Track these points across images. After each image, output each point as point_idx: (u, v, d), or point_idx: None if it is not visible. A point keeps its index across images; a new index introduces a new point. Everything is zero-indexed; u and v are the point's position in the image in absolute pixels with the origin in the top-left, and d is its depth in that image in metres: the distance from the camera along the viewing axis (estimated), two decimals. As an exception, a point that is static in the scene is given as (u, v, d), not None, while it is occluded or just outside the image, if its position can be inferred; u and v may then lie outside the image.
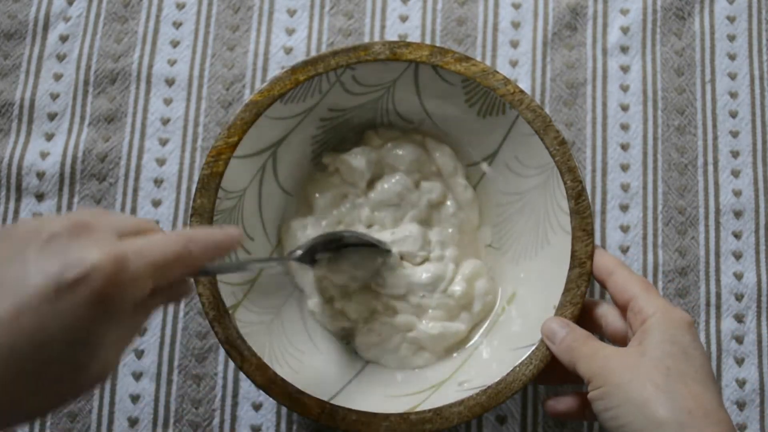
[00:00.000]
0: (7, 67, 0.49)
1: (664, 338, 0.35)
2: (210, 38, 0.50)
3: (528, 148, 0.42)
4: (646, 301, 0.37)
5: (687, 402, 0.32)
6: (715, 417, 0.32)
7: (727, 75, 0.50)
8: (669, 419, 0.31)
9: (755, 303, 0.47)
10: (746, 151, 0.49)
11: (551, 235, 0.42)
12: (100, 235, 0.25)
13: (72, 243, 0.24)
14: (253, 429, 0.44)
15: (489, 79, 0.41)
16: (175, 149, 0.48)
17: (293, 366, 0.40)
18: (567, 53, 0.50)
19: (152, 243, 0.26)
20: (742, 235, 0.48)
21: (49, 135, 0.48)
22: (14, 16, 0.49)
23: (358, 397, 0.40)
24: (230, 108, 0.49)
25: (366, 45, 0.41)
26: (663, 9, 0.51)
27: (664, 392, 0.32)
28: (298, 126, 0.43)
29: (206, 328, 0.45)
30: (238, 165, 0.40)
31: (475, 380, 0.40)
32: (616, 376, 0.34)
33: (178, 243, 0.27)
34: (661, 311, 0.36)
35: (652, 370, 0.33)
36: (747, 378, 0.46)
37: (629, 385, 0.33)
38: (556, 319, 0.39)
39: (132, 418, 0.44)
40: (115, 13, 0.50)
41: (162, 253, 0.26)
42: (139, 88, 0.49)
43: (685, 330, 0.35)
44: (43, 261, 0.24)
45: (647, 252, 0.47)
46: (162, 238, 0.27)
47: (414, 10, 0.51)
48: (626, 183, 0.48)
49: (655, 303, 0.36)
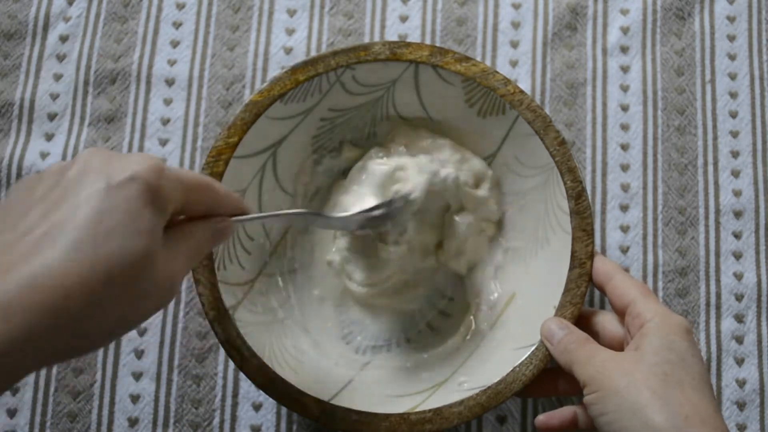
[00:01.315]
0: (7, 67, 0.49)
1: (662, 344, 0.34)
2: (210, 38, 0.50)
3: (528, 148, 0.42)
4: (645, 306, 0.37)
5: (684, 408, 0.32)
6: (712, 424, 0.32)
7: (727, 75, 0.50)
8: (665, 425, 0.31)
9: (755, 303, 0.47)
10: (746, 151, 0.49)
11: (551, 236, 0.42)
12: None
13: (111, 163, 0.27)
14: (253, 429, 0.44)
15: (489, 79, 0.41)
16: (175, 149, 0.48)
17: (293, 366, 0.40)
18: (567, 53, 0.50)
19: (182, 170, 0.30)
20: (742, 235, 0.48)
21: (49, 135, 0.48)
22: (14, 16, 0.49)
23: (358, 397, 0.40)
24: (230, 108, 0.49)
25: (366, 45, 0.41)
26: (663, 9, 0.51)
27: (660, 398, 0.32)
28: (298, 126, 0.43)
29: (206, 328, 0.45)
30: (238, 165, 0.40)
31: (475, 380, 0.40)
32: (612, 381, 0.34)
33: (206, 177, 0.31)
34: (659, 316, 0.36)
35: (649, 376, 0.33)
36: (747, 378, 0.46)
37: (626, 390, 0.33)
38: (555, 319, 0.39)
39: (132, 418, 0.44)
40: (115, 13, 0.50)
41: (192, 176, 0.30)
42: (139, 88, 0.49)
43: (683, 336, 0.35)
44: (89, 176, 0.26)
45: (647, 252, 0.47)
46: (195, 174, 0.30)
47: (414, 10, 0.51)
48: (626, 183, 0.48)
49: (653, 308, 0.36)
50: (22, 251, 0.24)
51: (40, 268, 0.24)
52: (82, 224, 0.25)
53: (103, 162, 0.27)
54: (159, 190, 0.27)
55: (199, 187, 0.30)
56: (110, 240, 0.25)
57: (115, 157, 0.27)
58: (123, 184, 0.26)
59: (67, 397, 0.44)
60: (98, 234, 0.25)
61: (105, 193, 0.26)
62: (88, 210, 0.25)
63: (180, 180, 0.29)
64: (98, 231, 0.25)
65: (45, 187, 0.27)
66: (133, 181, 0.26)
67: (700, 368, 0.34)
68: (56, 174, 0.27)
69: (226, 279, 0.39)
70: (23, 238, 0.25)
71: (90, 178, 0.26)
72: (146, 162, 0.27)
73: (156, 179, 0.27)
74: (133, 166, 0.27)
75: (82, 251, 0.24)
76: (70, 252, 0.24)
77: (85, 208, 0.25)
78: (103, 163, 0.27)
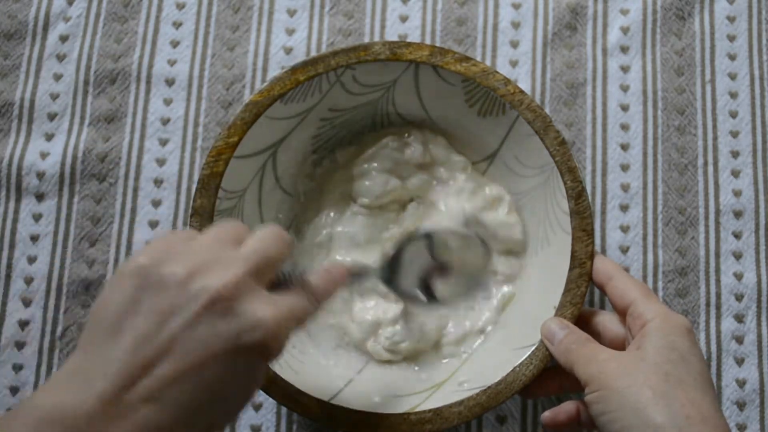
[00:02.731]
0: (7, 67, 0.49)
1: (663, 344, 0.34)
2: (210, 38, 0.50)
3: (528, 148, 0.42)
4: (646, 306, 0.37)
5: (685, 408, 0.32)
6: (713, 423, 0.32)
7: (727, 75, 0.50)
8: (667, 425, 0.31)
9: (755, 303, 0.47)
10: (746, 151, 0.49)
11: (551, 236, 0.42)
12: (255, 293, 0.28)
13: (238, 305, 0.27)
14: (253, 429, 0.44)
15: (489, 79, 0.41)
16: (175, 149, 0.48)
17: (293, 366, 0.40)
18: (567, 53, 0.50)
19: (298, 305, 0.30)
20: (742, 235, 0.48)
21: (49, 135, 0.48)
22: (14, 16, 0.49)
23: (358, 397, 0.39)
24: (230, 108, 0.49)
25: (366, 45, 0.41)
26: (663, 9, 0.51)
27: (662, 398, 0.32)
28: (298, 126, 0.43)
29: (206, 328, 0.45)
30: (238, 165, 0.40)
31: (475, 380, 0.40)
32: (613, 381, 0.34)
33: (311, 302, 0.31)
34: (660, 316, 0.36)
35: (650, 376, 0.33)
36: (747, 378, 0.46)
37: (627, 390, 0.33)
38: (555, 319, 0.39)
39: (132, 418, 0.44)
40: (115, 13, 0.50)
41: (305, 310, 0.30)
42: (139, 88, 0.49)
43: (684, 336, 0.35)
44: (218, 322, 0.26)
45: (647, 252, 0.47)
46: (301, 300, 0.30)
47: (414, 10, 0.51)
48: (626, 183, 0.48)
49: (654, 308, 0.36)
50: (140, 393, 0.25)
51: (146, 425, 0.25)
52: (201, 389, 0.26)
53: (233, 300, 0.27)
54: (275, 353, 0.28)
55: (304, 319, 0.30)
56: (224, 405, 0.27)
57: (244, 295, 0.27)
58: (249, 349, 0.26)
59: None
60: (214, 401, 0.26)
61: (231, 358, 0.26)
62: (210, 377, 0.26)
63: (295, 320, 0.29)
64: (214, 397, 0.26)
65: (167, 300, 0.26)
66: (259, 345, 0.27)
67: (701, 367, 0.34)
68: (177, 287, 0.26)
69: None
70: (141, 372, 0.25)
71: (218, 326, 0.26)
72: (275, 316, 0.27)
73: (279, 337, 0.27)
74: (264, 318, 0.27)
75: (191, 419, 0.26)
76: (182, 418, 0.25)
77: (208, 373, 0.26)
78: (233, 304, 0.26)
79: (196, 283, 0.26)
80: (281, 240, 0.30)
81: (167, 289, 0.26)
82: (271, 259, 0.29)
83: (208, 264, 0.27)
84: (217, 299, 0.26)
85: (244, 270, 0.27)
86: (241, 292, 0.27)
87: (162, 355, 0.25)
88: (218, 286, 0.26)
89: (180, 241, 0.29)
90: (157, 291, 0.26)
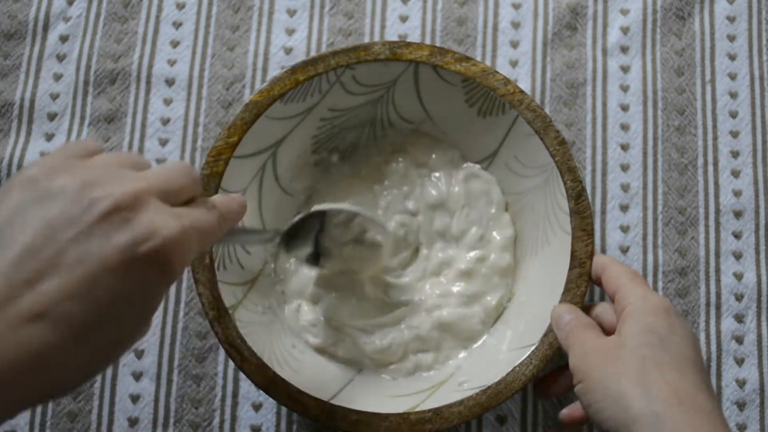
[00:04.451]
0: (7, 67, 0.49)
1: (641, 327, 0.34)
2: (210, 38, 0.50)
3: (528, 148, 0.42)
4: (629, 290, 0.36)
5: (662, 392, 0.31)
6: (691, 404, 0.31)
7: (727, 75, 0.50)
8: (643, 412, 0.31)
9: (755, 303, 0.47)
10: (746, 151, 0.49)
11: (551, 235, 0.42)
12: (157, 205, 0.26)
13: (136, 215, 0.24)
14: (253, 429, 0.44)
15: (489, 79, 0.41)
16: (175, 149, 0.48)
17: (293, 366, 0.40)
18: (567, 53, 0.50)
19: (201, 218, 0.28)
20: (742, 235, 0.48)
21: (49, 135, 0.48)
22: (14, 16, 0.49)
23: (358, 397, 0.40)
24: (230, 108, 0.49)
25: (366, 45, 0.41)
26: (663, 9, 0.51)
27: (639, 384, 0.32)
28: (298, 126, 0.43)
29: (206, 328, 0.45)
30: (238, 165, 0.40)
31: (475, 380, 0.40)
32: (595, 370, 0.33)
33: (217, 220, 0.29)
34: (639, 299, 0.35)
35: (628, 363, 0.33)
36: (747, 378, 0.46)
37: (608, 379, 0.33)
38: (565, 305, 0.39)
39: (132, 418, 0.44)
40: (115, 13, 0.50)
41: (209, 227, 0.28)
42: (139, 88, 0.49)
43: (662, 317, 0.34)
44: (113, 233, 0.24)
45: (647, 252, 0.47)
46: (204, 214, 0.28)
47: (414, 10, 0.51)
48: (626, 183, 0.48)
49: (635, 292, 0.36)
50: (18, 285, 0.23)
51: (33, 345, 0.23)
52: (92, 306, 0.23)
53: (131, 210, 0.24)
54: (177, 267, 0.25)
55: (211, 237, 0.29)
56: (118, 323, 0.25)
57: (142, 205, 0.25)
58: (144, 258, 0.24)
59: (67, 397, 0.44)
60: (107, 319, 0.24)
61: (127, 272, 0.24)
62: (103, 292, 0.24)
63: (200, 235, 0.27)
64: (109, 315, 0.24)
65: (57, 209, 0.24)
66: (156, 255, 0.24)
67: (681, 348, 0.34)
68: (70, 198, 0.24)
69: (226, 279, 0.39)
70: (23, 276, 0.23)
71: (113, 237, 0.24)
72: (177, 228, 0.25)
73: (181, 249, 0.25)
74: (163, 229, 0.25)
75: (82, 338, 0.24)
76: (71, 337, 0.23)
77: (100, 288, 0.23)
78: (130, 214, 0.24)
79: (93, 193, 0.24)
80: (188, 173, 0.28)
81: (59, 199, 0.24)
82: (175, 188, 0.27)
83: (105, 177, 0.25)
84: (114, 209, 0.24)
85: (145, 186, 0.25)
86: (142, 204, 0.25)
87: (49, 269, 0.23)
88: (117, 195, 0.24)
89: (76, 156, 0.27)
90: (47, 201, 0.24)
